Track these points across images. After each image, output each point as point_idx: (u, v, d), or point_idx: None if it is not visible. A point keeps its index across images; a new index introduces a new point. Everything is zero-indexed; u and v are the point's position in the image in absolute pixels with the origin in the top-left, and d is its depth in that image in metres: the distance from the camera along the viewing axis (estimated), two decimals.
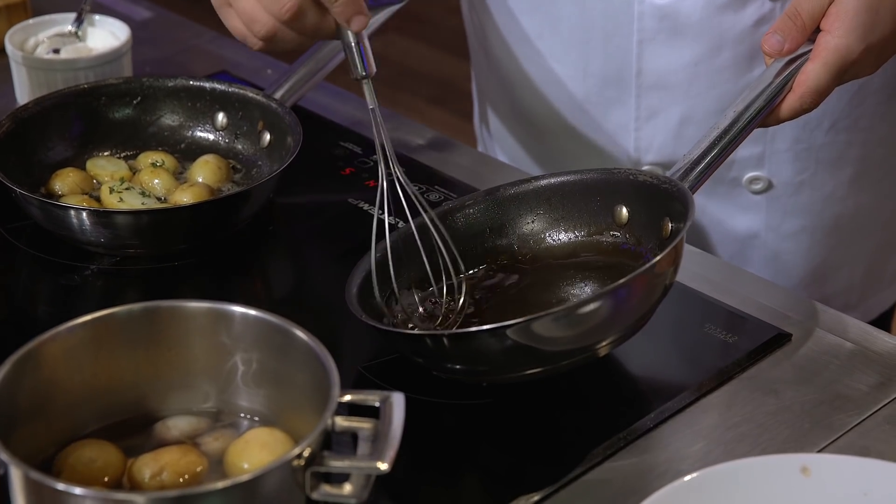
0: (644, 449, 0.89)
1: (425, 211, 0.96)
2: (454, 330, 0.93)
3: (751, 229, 1.20)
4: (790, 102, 0.98)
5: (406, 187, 0.96)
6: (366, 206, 1.12)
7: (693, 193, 0.94)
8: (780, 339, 0.97)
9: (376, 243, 0.95)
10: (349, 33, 0.96)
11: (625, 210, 0.99)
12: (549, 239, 1.02)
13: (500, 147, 1.32)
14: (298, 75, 1.17)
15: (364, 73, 0.97)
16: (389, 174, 0.96)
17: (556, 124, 1.23)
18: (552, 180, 1.02)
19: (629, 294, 0.89)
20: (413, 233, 0.97)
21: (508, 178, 1.16)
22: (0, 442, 0.73)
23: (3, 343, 0.97)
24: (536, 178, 1.02)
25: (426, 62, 3.02)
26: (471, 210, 1.02)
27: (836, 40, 0.96)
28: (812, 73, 0.97)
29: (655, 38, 1.13)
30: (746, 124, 0.98)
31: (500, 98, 1.29)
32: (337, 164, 1.18)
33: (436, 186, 1.14)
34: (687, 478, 0.75)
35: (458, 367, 0.90)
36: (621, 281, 0.87)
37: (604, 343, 0.90)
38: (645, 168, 1.18)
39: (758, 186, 1.18)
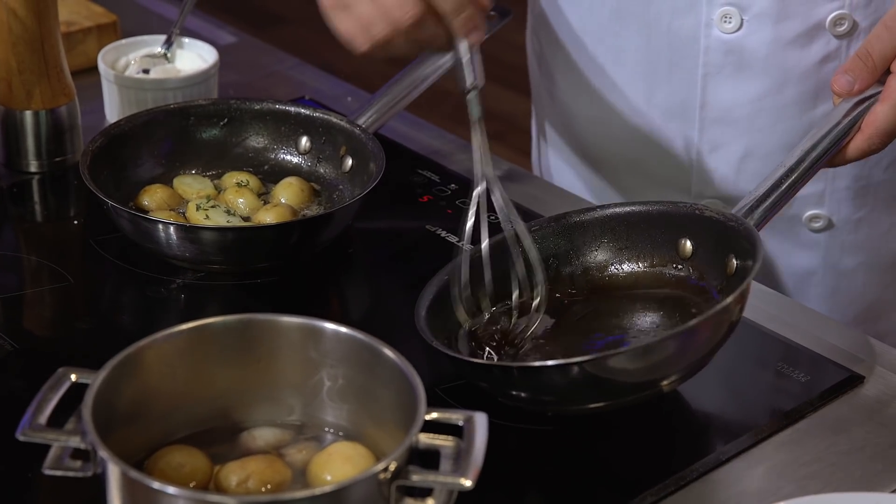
0: (714, 483, 0.90)
1: (517, 224, 0.98)
2: (520, 363, 0.94)
3: (809, 266, 1.21)
4: (858, 143, 1.00)
5: (502, 198, 0.97)
6: (443, 234, 1.14)
7: (758, 231, 0.96)
8: (852, 381, 0.98)
9: (455, 259, 0.97)
10: (463, 46, 0.98)
11: (689, 243, 1.01)
12: (611, 268, 1.03)
13: (558, 179, 1.33)
14: (380, 103, 1.20)
15: (475, 85, 0.99)
16: (485, 189, 0.97)
17: (616, 156, 1.24)
18: (618, 210, 1.03)
19: (699, 335, 0.90)
20: (492, 249, 0.99)
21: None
22: (100, 441, 0.76)
23: (89, 351, 1.01)
24: (602, 207, 1.04)
25: (487, 98, 3.04)
26: (535, 236, 1.03)
27: None
28: (882, 114, 0.99)
29: (721, 72, 1.14)
30: (813, 163, 0.99)
31: (561, 130, 1.31)
32: (415, 191, 1.20)
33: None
34: None
35: (522, 395, 0.92)
36: (692, 323, 0.89)
37: (670, 380, 0.92)
38: (707, 201, 1.19)
39: (818, 224, 1.18)
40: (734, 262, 0.97)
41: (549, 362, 0.89)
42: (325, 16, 1.01)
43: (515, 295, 0.99)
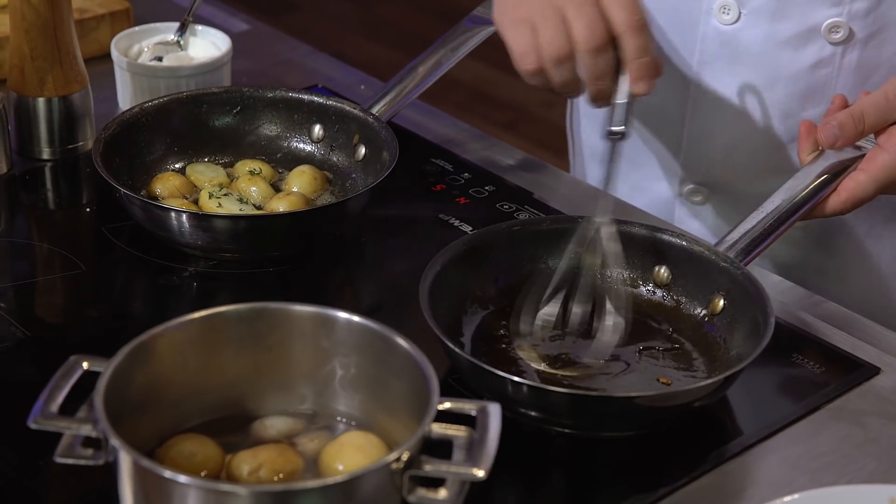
0: (729, 473, 0.90)
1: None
2: (528, 382, 0.90)
3: (790, 262, 1.21)
4: (833, 204, 1.03)
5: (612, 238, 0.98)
6: (456, 223, 1.14)
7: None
8: (867, 372, 0.97)
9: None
10: (626, 91, 0.98)
11: (666, 272, 1.02)
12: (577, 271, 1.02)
13: (587, 138, 1.33)
14: (394, 92, 1.19)
15: (622, 132, 0.99)
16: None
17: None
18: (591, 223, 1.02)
19: (726, 384, 0.91)
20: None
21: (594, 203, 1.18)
22: (111, 429, 0.75)
23: (101, 339, 1.01)
24: (581, 217, 1.02)
25: (499, 87, 3.04)
26: (508, 241, 1.02)
27: (890, 160, 1.01)
28: (862, 184, 1.02)
29: (715, 62, 1.15)
30: (788, 214, 1.02)
31: (577, 105, 1.31)
32: (428, 180, 1.20)
33: (525, 206, 1.16)
34: (785, 499, 0.75)
35: (532, 413, 0.91)
36: (722, 376, 0.89)
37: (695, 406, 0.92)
38: (690, 188, 1.20)
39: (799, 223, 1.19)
40: (721, 302, 0.98)
41: (550, 388, 0.89)
42: (500, 28, 1.02)
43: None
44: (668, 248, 1.01)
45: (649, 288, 1.02)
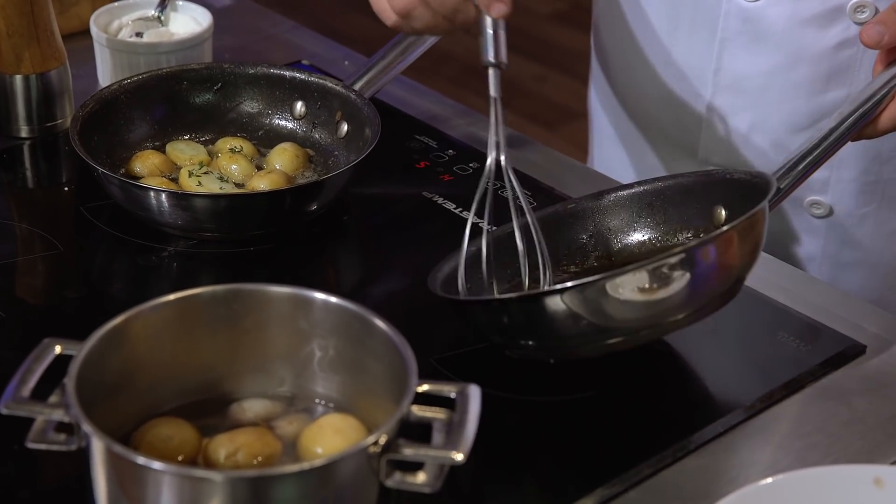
0: (713, 453, 0.89)
1: (528, 212, 0.95)
2: (526, 292, 0.90)
3: (808, 253, 1.20)
4: (888, 114, 0.98)
5: (514, 185, 0.95)
6: (440, 200, 1.13)
7: (788, 194, 0.95)
8: (853, 350, 0.96)
9: (469, 240, 0.95)
10: (488, 18, 0.96)
11: (722, 211, 0.99)
12: (644, 241, 1.02)
13: (597, 118, 1.32)
14: (377, 68, 1.18)
15: (493, 61, 0.96)
16: (498, 170, 0.95)
17: (636, 106, 1.24)
18: (648, 187, 1.01)
19: (704, 260, 0.88)
20: (509, 234, 0.96)
21: (582, 179, 1.17)
22: (83, 414, 0.74)
23: (79, 320, 1.00)
24: (637, 184, 1.02)
25: None
26: (568, 217, 1.01)
27: None
28: None
29: (737, 40, 1.13)
30: (847, 130, 0.98)
31: (602, 67, 1.30)
32: (412, 157, 1.19)
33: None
34: (768, 480, 0.75)
35: (530, 342, 0.90)
36: (694, 243, 0.87)
37: (670, 319, 0.89)
38: (711, 169, 1.17)
39: (818, 211, 1.17)
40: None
41: (545, 289, 0.87)
42: None
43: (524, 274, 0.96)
44: (717, 187, 0.99)
45: (706, 232, 0.99)
